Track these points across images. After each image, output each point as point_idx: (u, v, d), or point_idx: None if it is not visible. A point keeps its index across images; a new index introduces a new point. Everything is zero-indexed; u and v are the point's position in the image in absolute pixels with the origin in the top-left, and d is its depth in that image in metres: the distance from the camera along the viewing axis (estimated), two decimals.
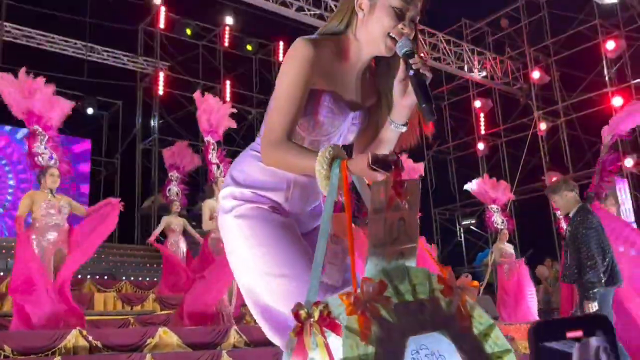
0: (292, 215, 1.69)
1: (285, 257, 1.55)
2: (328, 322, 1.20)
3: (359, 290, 1.19)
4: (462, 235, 16.42)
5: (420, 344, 1.22)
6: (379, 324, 1.19)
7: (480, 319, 1.33)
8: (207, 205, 6.80)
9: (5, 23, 12.62)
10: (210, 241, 6.55)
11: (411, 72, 1.48)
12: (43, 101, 5.56)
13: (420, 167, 8.99)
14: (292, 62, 1.57)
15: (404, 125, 1.62)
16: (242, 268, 1.64)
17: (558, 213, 9.22)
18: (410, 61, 1.49)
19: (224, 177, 6.92)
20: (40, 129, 5.55)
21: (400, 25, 1.58)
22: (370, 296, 1.18)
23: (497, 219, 9.20)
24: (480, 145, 15.36)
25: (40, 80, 5.61)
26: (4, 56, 12.33)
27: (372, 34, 1.61)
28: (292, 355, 1.21)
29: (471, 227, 16.33)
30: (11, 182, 12.60)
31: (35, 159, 5.52)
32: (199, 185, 12.86)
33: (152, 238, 8.27)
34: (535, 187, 13.85)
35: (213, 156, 6.97)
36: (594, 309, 3.94)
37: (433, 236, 16.02)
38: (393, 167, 1.32)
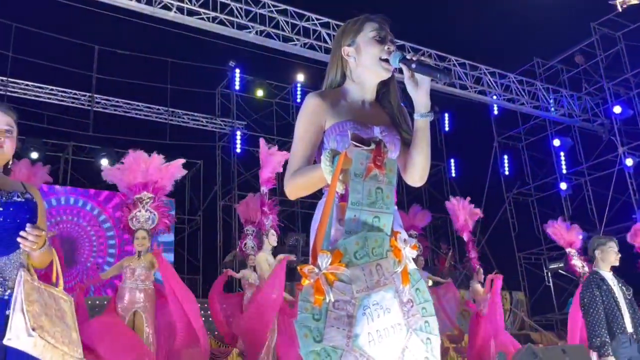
0: None
1: None
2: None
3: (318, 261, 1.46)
4: (550, 280, 15.65)
5: (372, 300, 1.48)
6: (335, 288, 1.45)
7: (415, 275, 1.62)
8: (262, 259, 6.76)
9: (95, 95, 13.62)
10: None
11: (413, 65, 1.73)
12: (154, 172, 5.77)
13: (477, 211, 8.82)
14: (302, 113, 1.87)
15: (429, 113, 1.79)
16: None
17: None
18: (408, 57, 1.75)
19: (270, 227, 6.99)
20: (147, 194, 5.71)
21: (385, 48, 1.85)
22: (325, 266, 1.45)
23: (578, 263, 8.66)
24: (563, 185, 14.81)
25: (149, 157, 5.81)
26: (96, 124, 13.27)
27: (368, 67, 1.88)
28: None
29: (559, 271, 15.54)
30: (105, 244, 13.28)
31: (129, 223, 5.69)
32: None
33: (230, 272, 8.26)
34: (625, 226, 13.12)
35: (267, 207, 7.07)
36: None
37: (519, 282, 15.39)
38: (374, 144, 1.52)
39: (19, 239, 1.99)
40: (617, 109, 13.55)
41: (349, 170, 1.50)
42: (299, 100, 15.33)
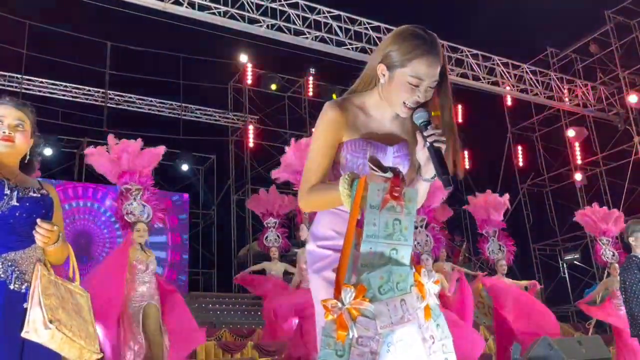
0: None
1: None
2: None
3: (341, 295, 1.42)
4: (566, 271, 15.55)
5: (396, 336, 1.46)
6: (358, 323, 1.41)
7: (436, 311, 1.60)
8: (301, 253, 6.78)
9: (109, 91, 13.71)
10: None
11: (427, 144, 1.66)
12: (134, 157, 5.77)
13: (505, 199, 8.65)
14: (320, 124, 1.82)
15: (432, 178, 1.75)
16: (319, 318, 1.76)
17: None
18: (425, 134, 1.67)
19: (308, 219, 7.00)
20: (135, 185, 5.73)
21: (415, 96, 1.75)
22: (349, 301, 1.41)
23: (607, 253, 8.41)
24: (578, 176, 14.68)
25: (127, 141, 5.85)
26: (109, 120, 13.35)
27: (391, 100, 1.81)
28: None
29: (575, 262, 15.43)
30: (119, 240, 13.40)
31: (125, 217, 5.66)
32: (291, 232, 13.08)
33: (239, 276, 8.11)
34: None
35: None
36: None
37: (534, 273, 15.30)
38: (392, 173, 1.47)
39: (34, 232, 2.01)
40: (633, 98, 13.38)
41: (365, 199, 1.48)
42: (310, 94, 15.32)
